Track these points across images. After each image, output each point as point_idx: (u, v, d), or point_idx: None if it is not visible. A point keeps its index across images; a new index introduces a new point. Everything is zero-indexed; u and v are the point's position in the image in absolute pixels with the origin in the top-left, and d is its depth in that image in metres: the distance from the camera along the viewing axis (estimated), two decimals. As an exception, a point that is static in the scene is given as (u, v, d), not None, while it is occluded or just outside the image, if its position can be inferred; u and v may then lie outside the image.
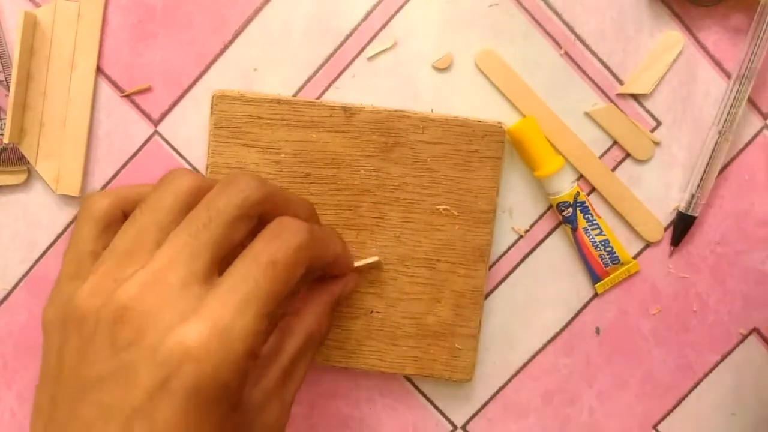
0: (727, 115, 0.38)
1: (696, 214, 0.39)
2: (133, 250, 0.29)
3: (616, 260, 0.39)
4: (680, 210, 0.39)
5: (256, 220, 0.30)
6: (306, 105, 0.37)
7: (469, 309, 0.39)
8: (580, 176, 0.39)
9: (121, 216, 0.33)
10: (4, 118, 0.38)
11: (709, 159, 0.38)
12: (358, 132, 0.38)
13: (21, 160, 0.38)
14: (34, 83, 0.37)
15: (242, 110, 0.37)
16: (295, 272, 0.29)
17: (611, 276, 0.39)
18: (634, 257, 0.40)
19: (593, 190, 0.39)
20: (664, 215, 0.40)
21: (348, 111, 0.38)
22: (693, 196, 0.39)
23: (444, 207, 0.38)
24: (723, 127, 0.38)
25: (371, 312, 0.39)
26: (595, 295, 0.40)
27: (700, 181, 0.38)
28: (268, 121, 0.37)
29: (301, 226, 0.30)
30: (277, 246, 0.28)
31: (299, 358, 0.34)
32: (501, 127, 0.38)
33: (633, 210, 0.39)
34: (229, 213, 0.29)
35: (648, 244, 0.40)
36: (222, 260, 0.29)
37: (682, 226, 0.39)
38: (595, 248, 0.39)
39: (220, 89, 0.38)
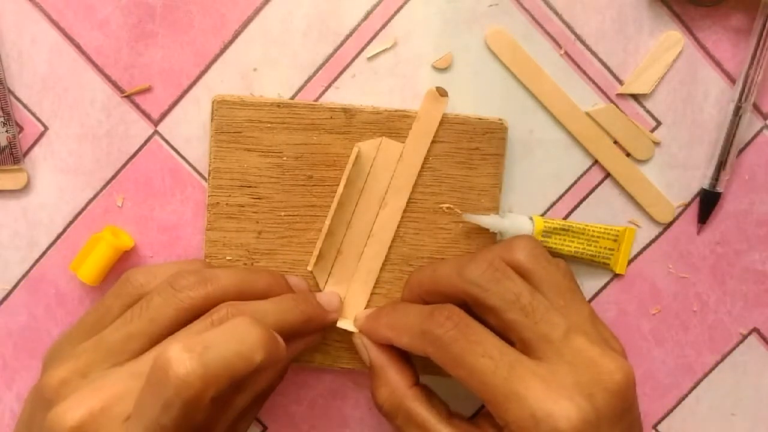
0: (744, 84, 0.38)
1: (721, 190, 0.39)
2: (117, 350, 0.32)
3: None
4: (704, 188, 0.39)
5: None
6: (306, 107, 0.37)
7: None
8: (595, 161, 0.39)
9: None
10: (2, 117, 0.38)
11: (731, 135, 0.38)
12: (359, 133, 0.38)
13: (17, 160, 0.38)
14: (342, 212, 0.38)
15: (242, 114, 0.37)
16: (227, 381, 0.29)
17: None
18: (634, 258, 0.40)
19: (608, 175, 0.39)
20: (664, 215, 0.40)
21: (348, 112, 0.37)
22: (717, 171, 0.38)
23: (447, 206, 0.38)
24: (741, 102, 0.38)
25: None
26: (595, 295, 0.40)
27: (726, 157, 0.38)
28: (269, 125, 0.37)
29: (252, 339, 0.30)
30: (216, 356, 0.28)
31: (244, 415, 0.34)
32: (502, 123, 0.38)
33: (644, 191, 0.39)
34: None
35: (645, 248, 0.40)
36: None
37: (708, 203, 0.39)
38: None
39: (220, 94, 0.38)
